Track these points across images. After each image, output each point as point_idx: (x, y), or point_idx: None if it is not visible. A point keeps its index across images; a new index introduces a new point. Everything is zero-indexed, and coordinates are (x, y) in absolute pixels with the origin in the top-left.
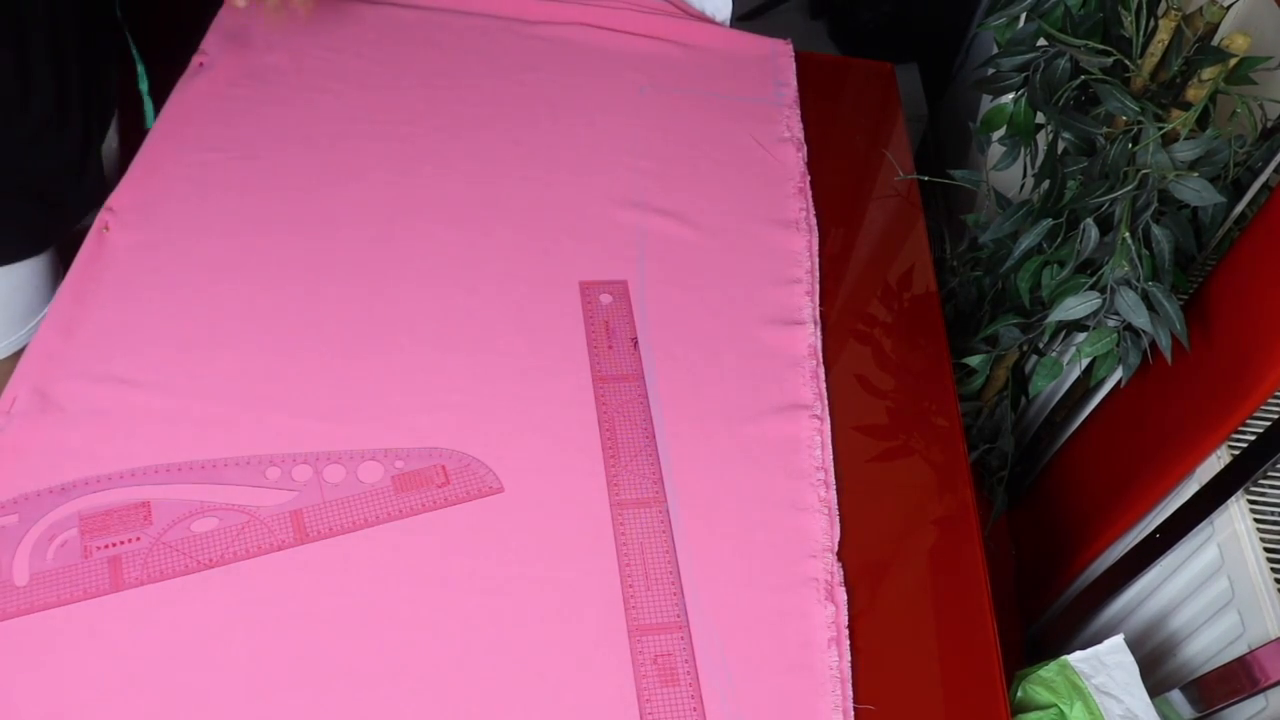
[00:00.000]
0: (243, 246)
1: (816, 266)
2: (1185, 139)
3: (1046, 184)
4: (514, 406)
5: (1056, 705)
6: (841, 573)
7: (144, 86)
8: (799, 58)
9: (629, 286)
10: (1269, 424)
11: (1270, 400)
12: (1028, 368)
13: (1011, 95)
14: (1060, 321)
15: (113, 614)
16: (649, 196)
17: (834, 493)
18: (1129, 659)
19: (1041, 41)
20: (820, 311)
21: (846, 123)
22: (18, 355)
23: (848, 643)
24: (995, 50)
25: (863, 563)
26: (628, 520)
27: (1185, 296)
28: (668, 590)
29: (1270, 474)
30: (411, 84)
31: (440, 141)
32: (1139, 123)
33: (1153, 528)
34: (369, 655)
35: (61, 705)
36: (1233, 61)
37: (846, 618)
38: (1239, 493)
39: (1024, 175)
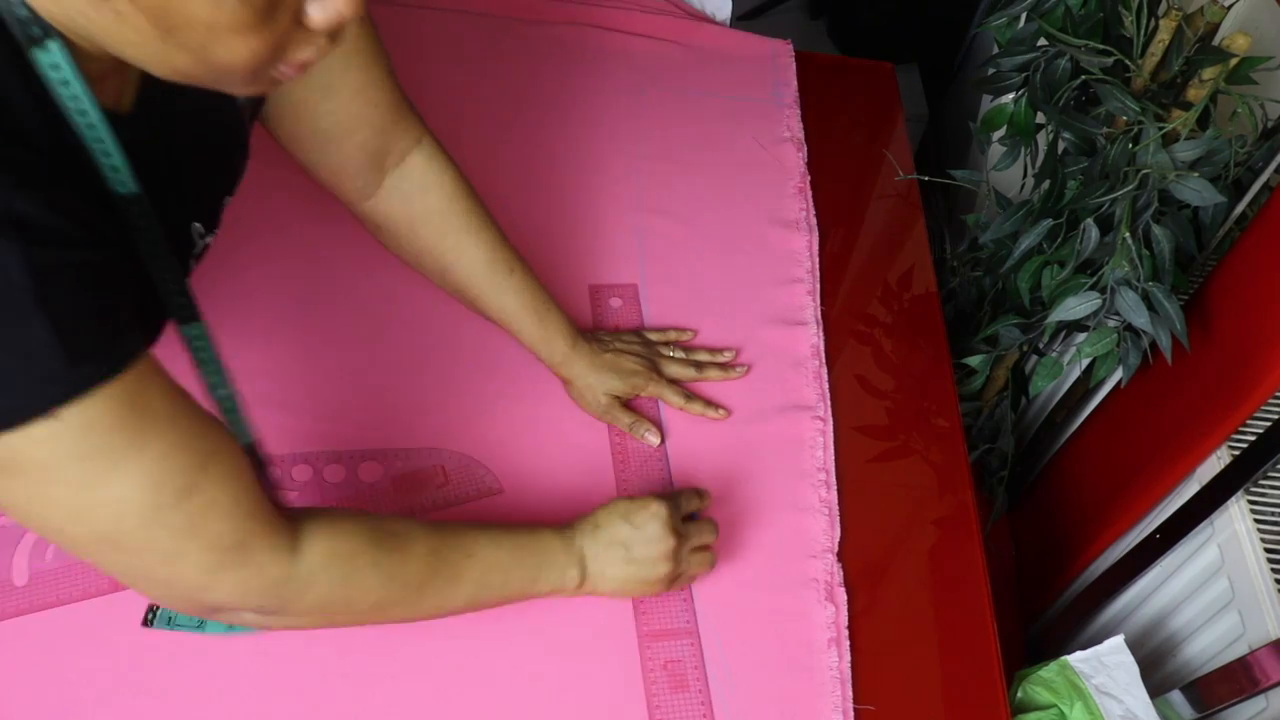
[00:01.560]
0: (243, 246)
1: (817, 266)
2: (1186, 139)
3: (1047, 184)
4: (515, 407)
5: (1057, 705)
6: (842, 573)
7: None
8: (799, 58)
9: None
10: (1269, 424)
11: (1270, 401)
12: (1028, 368)
13: (1012, 95)
14: (1060, 321)
15: (112, 614)
16: (649, 196)
17: (835, 493)
18: (1129, 659)
19: (1042, 41)
20: (820, 311)
21: (847, 123)
22: None
23: (848, 643)
24: (996, 50)
25: (863, 563)
26: None
27: (1185, 296)
28: (677, 596)
29: (1270, 474)
30: (410, 84)
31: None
32: (1139, 123)
33: (1153, 528)
34: (370, 656)
35: (62, 705)
36: (1233, 61)
37: (847, 618)
38: (1239, 493)
39: (1024, 175)
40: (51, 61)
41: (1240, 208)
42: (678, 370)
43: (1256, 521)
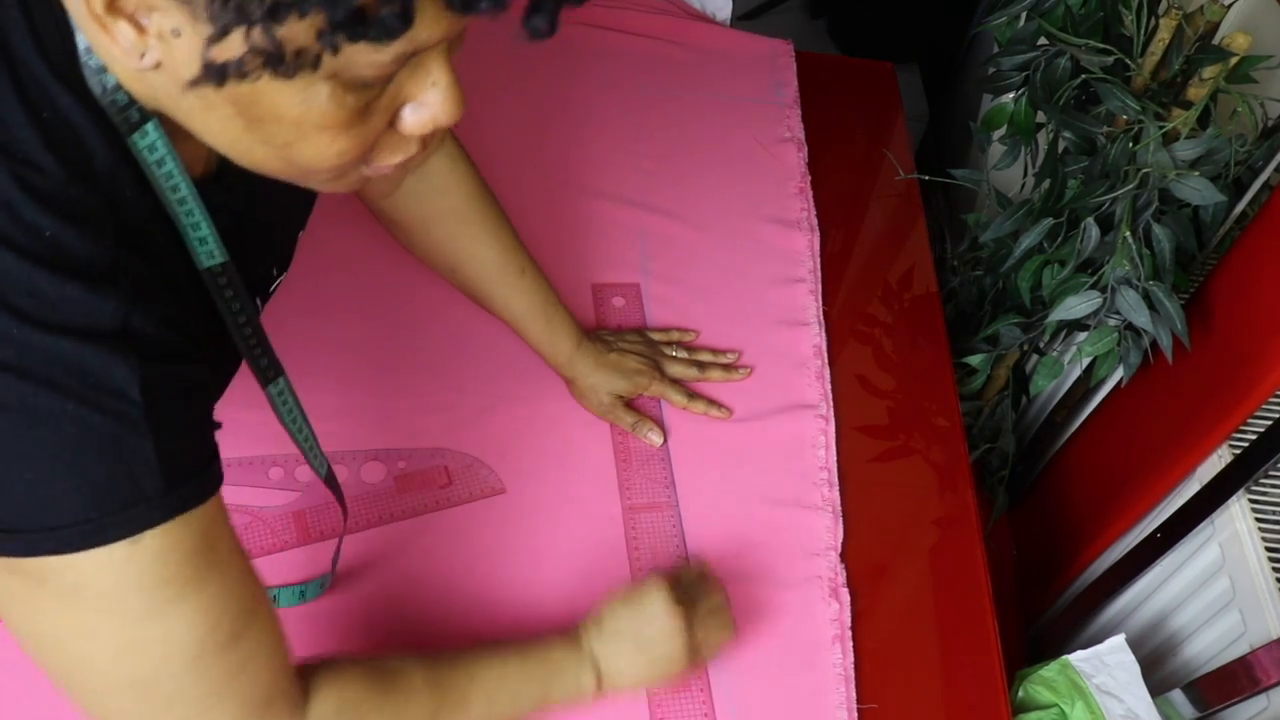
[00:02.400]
0: None
1: (819, 266)
2: (1186, 138)
3: (1047, 183)
4: (518, 407)
5: (1058, 705)
6: (845, 572)
7: None
8: (799, 57)
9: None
10: (1270, 423)
11: (1271, 399)
12: (1028, 367)
13: (1012, 94)
14: (1061, 321)
15: None
16: (650, 197)
17: (838, 493)
18: (1130, 658)
19: (1042, 40)
20: (822, 311)
21: (847, 122)
22: None
23: (851, 642)
24: (996, 49)
25: (865, 562)
26: (639, 524)
27: (1186, 295)
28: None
29: (1271, 473)
30: None
31: None
32: (1140, 122)
33: (1154, 527)
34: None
35: (64, 704)
36: (1234, 60)
37: (850, 616)
38: (1240, 492)
39: (1024, 174)
40: (148, 143)
41: (1240, 207)
42: (680, 370)
43: (1257, 520)
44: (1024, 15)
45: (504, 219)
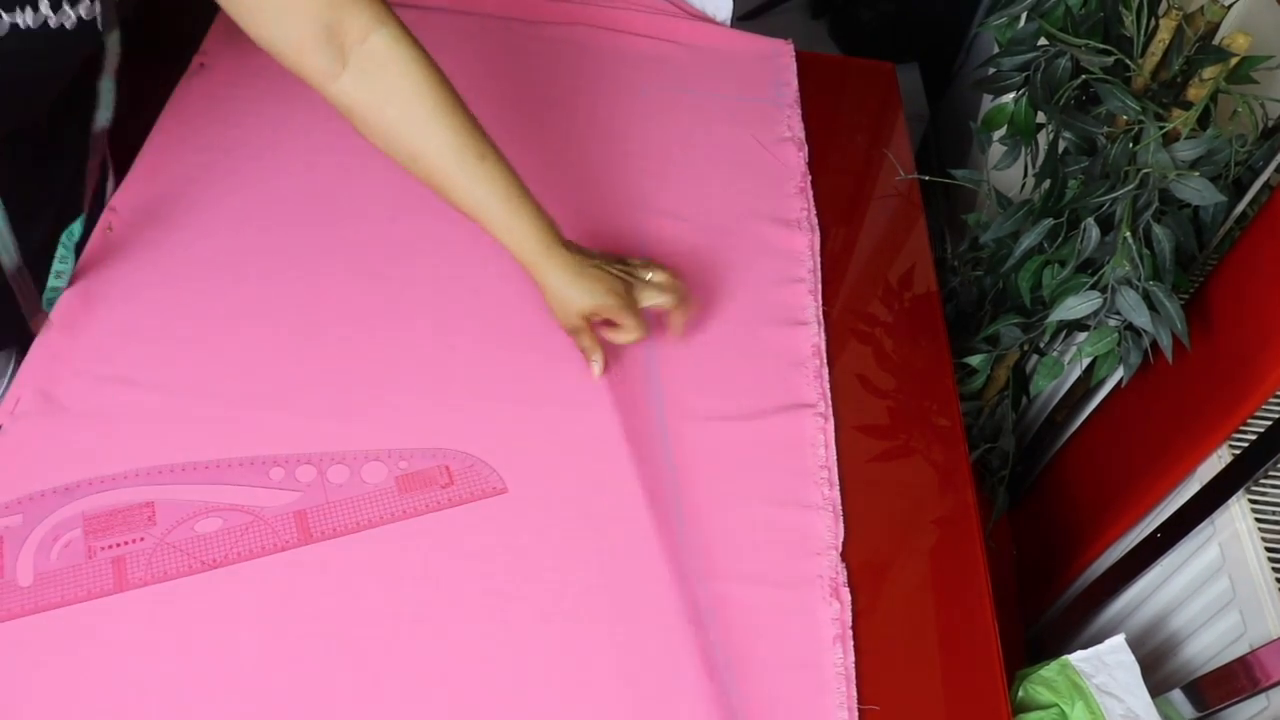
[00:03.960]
0: (246, 245)
1: (819, 266)
2: (1186, 138)
3: (1047, 183)
4: (519, 407)
5: (1058, 705)
6: (845, 572)
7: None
8: (800, 57)
9: None
10: (1270, 423)
11: (1271, 399)
12: (1028, 367)
13: (1012, 95)
14: (1061, 321)
15: (116, 615)
16: (650, 196)
17: (838, 492)
18: (1130, 659)
19: (1042, 41)
20: (822, 311)
21: (847, 122)
22: None
23: (852, 641)
24: (996, 49)
25: (864, 562)
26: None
27: (1186, 296)
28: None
29: (1271, 473)
30: None
31: None
32: (1140, 122)
33: (1154, 527)
34: (372, 656)
35: (65, 705)
36: (1234, 61)
37: (850, 615)
38: (1240, 492)
39: (1025, 175)
40: None
41: (1241, 207)
42: (656, 288)
43: (1257, 520)
44: (1024, 16)
45: (461, 104)
